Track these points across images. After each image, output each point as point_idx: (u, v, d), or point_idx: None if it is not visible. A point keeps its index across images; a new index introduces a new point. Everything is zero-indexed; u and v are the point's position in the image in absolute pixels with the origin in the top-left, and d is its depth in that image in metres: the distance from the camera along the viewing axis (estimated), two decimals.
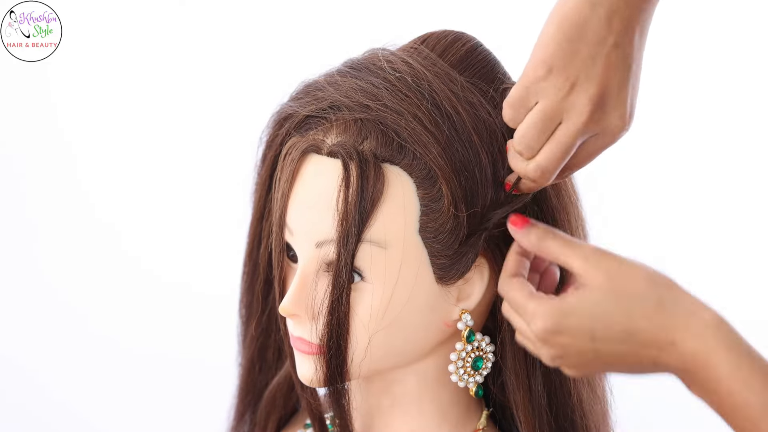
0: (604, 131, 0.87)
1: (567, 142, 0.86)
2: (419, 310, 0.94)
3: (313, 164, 0.93)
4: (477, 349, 0.98)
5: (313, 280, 0.94)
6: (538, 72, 0.86)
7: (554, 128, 0.86)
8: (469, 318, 0.96)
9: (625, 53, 0.85)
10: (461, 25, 1.00)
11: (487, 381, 1.01)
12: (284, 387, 1.12)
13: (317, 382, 0.96)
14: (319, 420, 1.04)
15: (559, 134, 0.86)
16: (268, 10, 1.85)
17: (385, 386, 1.01)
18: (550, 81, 0.85)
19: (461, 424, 1.01)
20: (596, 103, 0.85)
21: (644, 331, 0.83)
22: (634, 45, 0.85)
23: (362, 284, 0.92)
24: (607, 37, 0.84)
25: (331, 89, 0.95)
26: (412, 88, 0.92)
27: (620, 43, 0.84)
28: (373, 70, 0.95)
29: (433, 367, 0.99)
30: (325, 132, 0.94)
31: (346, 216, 0.90)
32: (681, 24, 1.78)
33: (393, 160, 0.91)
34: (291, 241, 0.96)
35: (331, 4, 1.85)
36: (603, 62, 0.84)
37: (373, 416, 1.03)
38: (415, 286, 0.93)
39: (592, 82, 0.85)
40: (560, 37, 0.85)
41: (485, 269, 0.95)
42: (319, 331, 0.93)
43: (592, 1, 0.84)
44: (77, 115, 1.90)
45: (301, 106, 0.96)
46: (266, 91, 1.10)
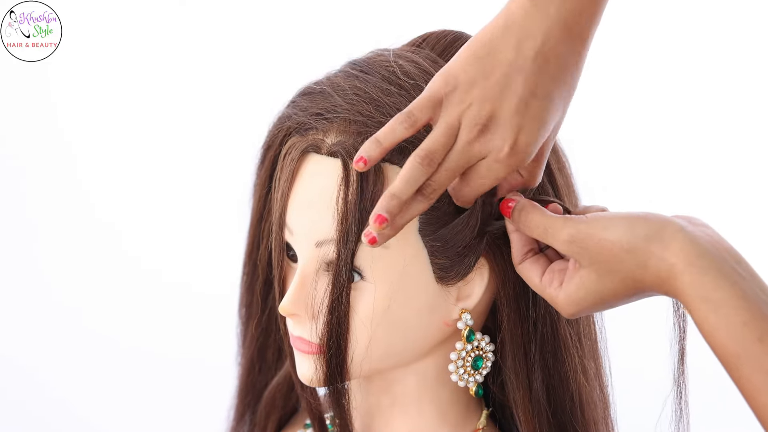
0: (489, 154, 0.85)
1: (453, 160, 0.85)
2: (419, 309, 0.94)
3: (312, 164, 0.93)
4: (477, 349, 0.98)
5: (312, 279, 0.94)
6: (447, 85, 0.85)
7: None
8: (469, 317, 0.96)
9: (529, 81, 0.84)
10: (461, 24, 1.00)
11: (486, 380, 1.01)
12: (284, 387, 1.12)
13: (317, 381, 0.96)
14: (319, 420, 1.04)
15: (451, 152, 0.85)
16: (268, 10, 1.85)
17: (384, 386, 1.01)
18: (454, 96, 0.85)
19: (461, 424, 1.01)
20: (485, 124, 0.84)
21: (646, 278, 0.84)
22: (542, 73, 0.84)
23: (362, 284, 0.92)
24: (514, 62, 0.84)
25: (331, 90, 0.95)
26: (416, 88, 0.93)
27: (525, 70, 0.84)
28: (374, 70, 0.95)
29: (433, 367, 0.99)
30: (324, 132, 0.94)
31: (345, 215, 0.90)
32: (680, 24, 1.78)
33: (392, 160, 0.91)
34: (291, 240, 0.96)
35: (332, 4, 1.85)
36: (503, 84, 0.84)
37: (372, 416, 1.03)
38: (415, 285, 0.93)
39: (487, 102, 0.84)
40: (470, 53, 0.85)
41: (485, 269, 0.95)
42: (318, 330, 0.93)
43: (506, 25, 0.84)
44: (77, 115, 1.90)
45: (302, 106, 0.96)
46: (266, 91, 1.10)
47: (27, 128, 1.90)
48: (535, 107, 0.84)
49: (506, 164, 0.85)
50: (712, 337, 0.80)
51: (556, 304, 0.88)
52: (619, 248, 0.84)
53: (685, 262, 0.82)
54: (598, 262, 0.85)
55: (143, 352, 1.90)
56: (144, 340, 1.90)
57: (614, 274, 0.85)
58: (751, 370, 0.78)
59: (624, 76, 1.80)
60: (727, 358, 0.79)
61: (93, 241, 1.91)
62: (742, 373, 0.79)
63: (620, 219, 0.85)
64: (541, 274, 0.90)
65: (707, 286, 0.80)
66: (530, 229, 0.89)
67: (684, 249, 0.82)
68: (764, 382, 0.78)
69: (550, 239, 0.87)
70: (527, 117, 0.84)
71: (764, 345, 0.78)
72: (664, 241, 0.83)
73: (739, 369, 0.79)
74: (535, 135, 0.85)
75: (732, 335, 0.79)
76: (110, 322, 1.92)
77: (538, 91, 0.84)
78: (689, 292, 0.81)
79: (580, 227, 0.86)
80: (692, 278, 0.81)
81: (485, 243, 0.93)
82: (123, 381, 1.91)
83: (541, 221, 0.88)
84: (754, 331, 0.78)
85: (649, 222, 0.84)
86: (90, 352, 1.91)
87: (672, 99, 1.81)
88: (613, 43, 1.71)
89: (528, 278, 0.91)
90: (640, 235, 0.84)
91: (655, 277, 0.83)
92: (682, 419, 0.92)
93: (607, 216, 0.86)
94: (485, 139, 0.85)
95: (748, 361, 0.78)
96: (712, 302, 0.80)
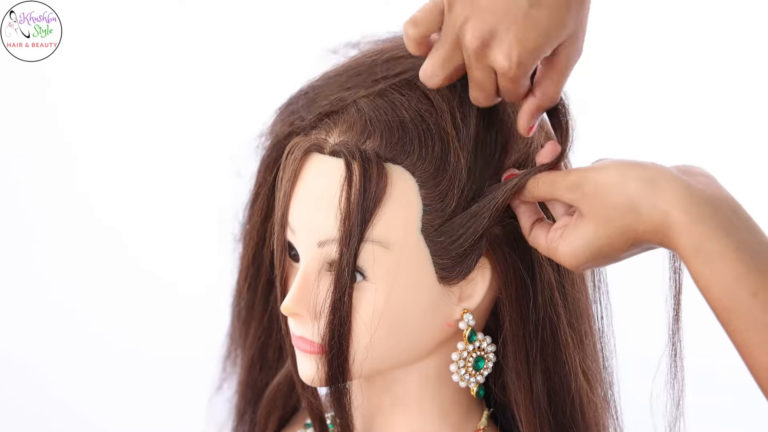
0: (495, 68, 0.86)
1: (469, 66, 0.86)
2: (421, 309, 0.94)
3: (315, 163, 0.93)
4: (478, 349, 0.98)
5: (315, 279, 0.94)
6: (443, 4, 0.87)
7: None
8: (470, 318, 0.96)
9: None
10: None
11: (488, 381, 1.01)
12: (284, 386, 1.12)
13: (318, 381, 0.96)
14: (320, 419, 1.04)
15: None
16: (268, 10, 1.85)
17: (386, 386, 1.01)
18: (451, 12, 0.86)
19: (462, 424, 1.01)
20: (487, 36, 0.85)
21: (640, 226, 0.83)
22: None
23: (364, 284, 0.92)
24: None
25: (334, 88, 0.95)
26: (419, 86, 0.93)
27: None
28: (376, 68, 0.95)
29: (435, 367, 0.99)
30: (327, 131, 0.94)
31: (348, 215, 0.90)
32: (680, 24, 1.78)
33: (395, 160, 0.91)
34: (293, 240, 0.96)
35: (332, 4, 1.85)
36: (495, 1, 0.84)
37: (374, 416, 1.03)
38: (417, 285, 0.93)
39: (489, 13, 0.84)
40: None
41: (487, 269, 0.95)
42: (320, 330, 0.93)
43: None
44: (77, 115, 1.90)
45: (304, 106, 0.96)
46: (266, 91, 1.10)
47: (27, 128, 1.90)
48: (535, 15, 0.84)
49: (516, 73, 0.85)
50: (705, 290, 0.79)
51: (557, 255, 0.88)
52: (612, 191, 0.84)
53: (678, 210, 0.81)
54: (595, 207, 0.85)
55: (143, 352, 1.90)
56: (144, 340, 1.90)
57: (610, 222, 0.84)
58: (745, 326, 0.77)
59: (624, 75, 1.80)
60: (721, 312, 0.78)
61: (93, 241, 1.91)
62: (735, 327, 0.78)
63: (616, 163, 0.85)
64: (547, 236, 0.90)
65: (701, 236, 0.79)
66: (537, 186, 0.89)
67: (677, 196, 0.81)
68: (757, 337, 0.77)
69: (557, 190, 0.88)
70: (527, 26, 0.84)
71: (758, 300, 0.77)
72: (658, 188, 0.82)
73: (732, 323, 0.78)
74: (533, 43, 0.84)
75: (725, 289, 0.78)
76: (110, 322, 1.92)
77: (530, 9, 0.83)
78: (682, 241, 0.80)
79: (581, 173, 0.86)
80: (686, 227, 0.80)
81: (487, 242, 0.94)
82: (123, 381, 1.91)
83: (548, 176, 0.89)
84: (748, 285, 0.77)
85: (643, 167, 0.83)
86: (90, 352, 1.91)
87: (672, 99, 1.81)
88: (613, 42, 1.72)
89: (537, 244, 0.91)
90: (633, 178, 0.83)
91: (649, 224, 0.82)
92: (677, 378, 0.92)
93: (605, 161, 0.87)
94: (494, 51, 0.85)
95: (741, 315, 0.77)
96: (706, 253, 0.79)
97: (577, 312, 0.98)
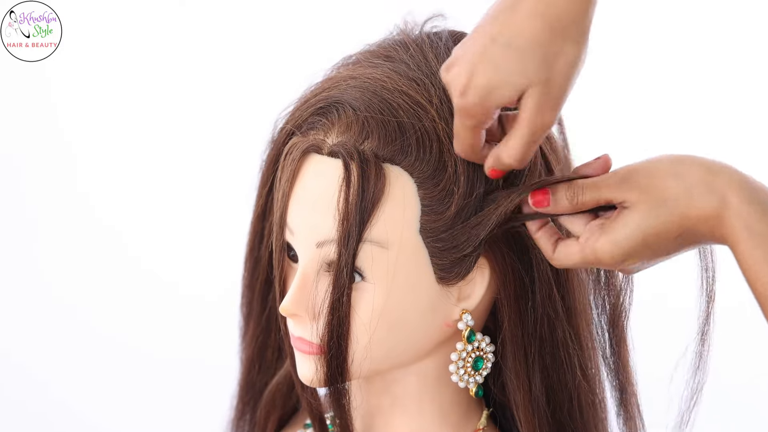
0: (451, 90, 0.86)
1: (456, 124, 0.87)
2: (420, 310, 0.94)
3: (313, 164, 0.93)
4: (477, 349, 0.98)
5: (313, 280, 0.94)
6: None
7: None
8: (469, 318, 0.96)
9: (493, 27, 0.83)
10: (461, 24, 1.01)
11: (487, 381, 1.01)
12: (284, 387, 1.12)
13: (318, 382, 0.96)
14: (319, 420, 1.04)
15: None
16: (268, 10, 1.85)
17: (385, 386, 1.01)
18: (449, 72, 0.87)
19: (461, 424, 1.01)
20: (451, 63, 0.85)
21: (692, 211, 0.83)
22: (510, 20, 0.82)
23: (363, 284, 0.92)
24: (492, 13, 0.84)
25: (334, 90, 0.95)
26: (422, 83, 0.93)
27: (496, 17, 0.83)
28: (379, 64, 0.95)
29: (434, 367, 0.99)
30: (326, 132, 0.94)
31: (346, 216, 0.90)
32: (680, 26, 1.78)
33: (394, 160, 0.91)
34: (291, 240, 0.96)
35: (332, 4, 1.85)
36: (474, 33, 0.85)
37: (373, 416, 1.03)
38: (415, 286, 0.93)
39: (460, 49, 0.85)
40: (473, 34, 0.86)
41: (486, 269, 0.95)
42: (319, 330, 0.93)
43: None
44: (77, 115, 1.90)
45: (303, 106, 0.96)
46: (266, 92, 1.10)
47: (27, 128, 1.90)
48: (492, 51, 0.83)
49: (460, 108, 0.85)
50: (751, 271, 0.79)
51: (596, 251, 0.86)
52: (666, 173, 0.84)
53: (733, 193, 0.81)
54: (647, 192, 0.84)
55: (143, 351, 1.90)
56: (144, 341, 1.90)
57: (661, 208, 0.83)
58: None
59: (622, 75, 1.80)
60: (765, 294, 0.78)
61: (93, 241, 1.91)
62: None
63: (668, 154, 0.85)
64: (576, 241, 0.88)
65: (753, 216, 0.80)
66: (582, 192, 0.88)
67: (733, 181, 0.81)
68: None
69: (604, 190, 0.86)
70: (485, 58, 0.83)
71: None
72: (715, 173, 0.82)
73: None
74: (483, 77, 0.83)
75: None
76: (110, 322, 1.92)
77: (497, 37, 0.83)
78: (734, 222, 0.80)
79: (629, 168, 0.86)
80: (740, 207, 0.80)
81: (485, 242, 0.93)
82: (123, 381, 1.91)
83: (589, 180, 0.88)
84: None
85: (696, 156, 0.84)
86: (90, 352, 1.91)
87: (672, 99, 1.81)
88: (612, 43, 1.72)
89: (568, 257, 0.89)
90: (687, 163, 0.83)
91: (702, 209, 0.82)
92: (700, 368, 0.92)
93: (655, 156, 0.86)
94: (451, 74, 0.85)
95: None
96: (757, 234, 0.79)
97: (576, 311, 0.98)
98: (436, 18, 1.02)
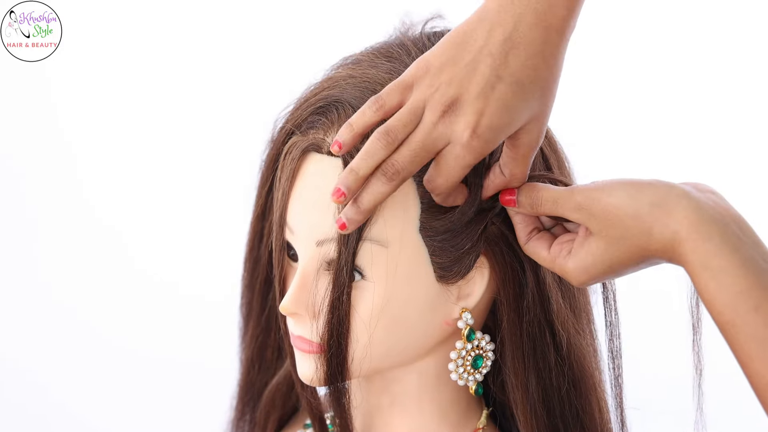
0: (452, 139, 0.85)
1: (416, 140, 0.85)
2: (419, 308, 0.94)
3: (313, 163, 0.93)
4: (477, 348, 0.98)
5: (313, 278, 0.94)
6: (419, 70, 0.86)
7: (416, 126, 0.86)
8: (469, 317, 0.96)
9: (496, 64, 0.84)
10: None
11: (487, 380, 1.01)
12: (284, 386, 1.12)
13: (317, 381, 0.96)
14: (319, 419, 1.04)
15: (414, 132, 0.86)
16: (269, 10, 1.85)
17: (385, 385, 1.01)
18: (424, 80, 0.86)
19: (461, 423, 1.01)
20: (449, 105, 0.84)
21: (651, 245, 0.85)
22: (510, 58, 0.84)
23: (363, 283, 0.92)
24: (484, 47, 0.84)
25: (333, 89, 0.95)
26: None
27: (493, 53, 0.84)
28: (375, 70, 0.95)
29: (433, 366, 0.99)
30: (325, 131, 0.94)
31: None
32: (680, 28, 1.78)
33: None
34: (291, 239, 0.96)
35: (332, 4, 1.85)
36: (470, 68, 0.84)
37: (373, 415, 1.03)
38: (415, 284, 0.93)
39: (453, 86, 0.84)
40: (446, 41, 0.86)
41: (486, 268, 0.95)
42: (319, 329, 0.93)
43: (480, 17, 0.85)
44: (77, 115, 1.90)
45: (303, 106, 0.96)
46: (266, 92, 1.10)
47: (27, 128, 1.90)
48: (500, 90, 0.84)
49: (470, 148, 0.85)
50: (710, 304, 0.81)
51: (566, 272, 0.89)
52: (624, 214, 0.85)
53: (688, 229, 0.82)
54: (606, 227, 0.86)
55: (143, 353, 1.90)
56: (144, 342, 1.90)
57: (621, 241, 0.85)
58: (746, 338, 0.79)
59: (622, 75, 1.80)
60: (724, 325, 0.80)
61: (93, 242, 1.91)
62: (737, 340, 0.80)
63: (625, 185, 0.86)
64: (548, 248, 0.91)
65: (708, 253, 0.81)
66: (540, 204, 0.89)
67: (688, 216, 0.82)
68: (758, 350, 0.79)
69: (560, 209, 0.88)
70: (491, 99, 0.84)
71: (759, 314, 0.79)
72: (669, 208, 0.83)
73: (734, 336, 0.80)
74: (497, 118, 0.84)
75: (728, 303, 0.80)
76: (110, 323, 1.92)
77: (504, 75, 0.84)
78: (691, 258, 0.82)
79: (587, 193, 0.87)
80: (695, 245, 0.82)
81: (485, 241, 0.94)
82: (124, 382, 1.91)
83: (550, 194, 0.89)
84: (750, 299, 0.79)
85: (653, 188, 0.85)
86: (90, 354, 1.91)
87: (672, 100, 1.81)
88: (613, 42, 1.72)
89: (536, 254, 0.91)
90: (644, 201, 0.84)
91: (660, 244, 0.84)
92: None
93: (613, 182, 0.87)
94: (448, 121, 0.85)
95: (743, 329, 0.79)
96: (712, 269, 0.81)
97: (576, 311, 0.98)
98: (436, 19, 1.02)
